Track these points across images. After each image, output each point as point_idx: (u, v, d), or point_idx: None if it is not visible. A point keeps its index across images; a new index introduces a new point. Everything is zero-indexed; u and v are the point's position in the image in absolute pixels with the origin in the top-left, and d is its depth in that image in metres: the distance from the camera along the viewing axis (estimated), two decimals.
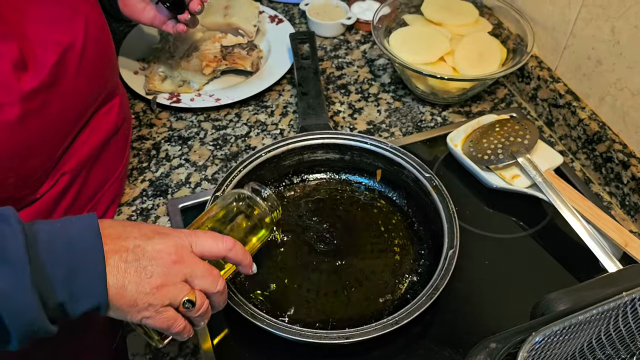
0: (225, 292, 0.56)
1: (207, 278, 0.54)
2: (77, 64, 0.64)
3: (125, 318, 0.51)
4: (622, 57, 0.78)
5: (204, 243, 0.55)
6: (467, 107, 0.96)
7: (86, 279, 0.47)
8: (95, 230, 0.48)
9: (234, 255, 0.57)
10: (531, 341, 0.37)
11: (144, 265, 0.50)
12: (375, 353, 0.66)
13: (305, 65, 0.93)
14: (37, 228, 0.47)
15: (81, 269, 0.47)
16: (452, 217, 0.70)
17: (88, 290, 0.47)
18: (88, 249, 0.48)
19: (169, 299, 0.51)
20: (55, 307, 0.46)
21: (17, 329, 0.44)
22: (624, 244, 0.71)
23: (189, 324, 0.55)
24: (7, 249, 0.44)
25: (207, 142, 0.90)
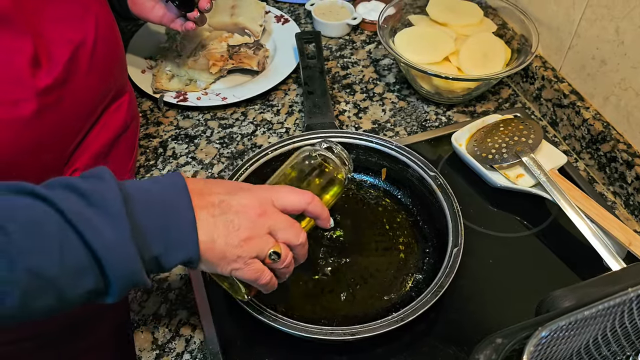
0: (306, 245, 0.58)
1: (290, 230, 0.56)
2: (88, 61, 0.65)
3: (215, 270, 0.54)
4: (626, 57, 0.78)
5: (284, 197, 0.56)
6: (471, 106, 0.97)
7: (178, 233, 0.49)
8: (184, 187, 0.51)
9: (313, 209, 0.58)
10: (537, 336, 0.37)
11: (231, 219, 0.52)
12: (379, 350, 0.67)
13: (311, 64, 0.94)
14: (129, 186, 0.49)
15: (173, 223, 0.49)
16: (456, 215, 0.71)
17: (180, 244, 0.49)
18: (178, 204, 0.50)
19: (256, 251, 0.53)
20: (150, 259, 0.48)
21: (117, 280, 0.46)
22: (627, 243, 0.71)
23: (274, 277, 0.57)
24: (107, 203, 0.45)
25: (213, 140, 0.91)
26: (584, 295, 0.48)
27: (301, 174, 0.65)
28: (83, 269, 0.44)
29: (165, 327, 0.69)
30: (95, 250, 0.44)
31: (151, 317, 0.70)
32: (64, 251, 0.43)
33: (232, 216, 0.52)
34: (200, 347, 0.67)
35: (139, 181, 0.51)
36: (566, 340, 0.40)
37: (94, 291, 0.46)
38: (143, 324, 0.70)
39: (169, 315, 0.70)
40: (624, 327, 0.43)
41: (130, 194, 0.48)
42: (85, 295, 0.46)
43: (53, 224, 0.43)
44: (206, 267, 0.53)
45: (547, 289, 0.55)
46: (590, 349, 0.44)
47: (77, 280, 0.45)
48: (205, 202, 0.52)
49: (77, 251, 0.44)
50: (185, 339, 0.68)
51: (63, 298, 0.45)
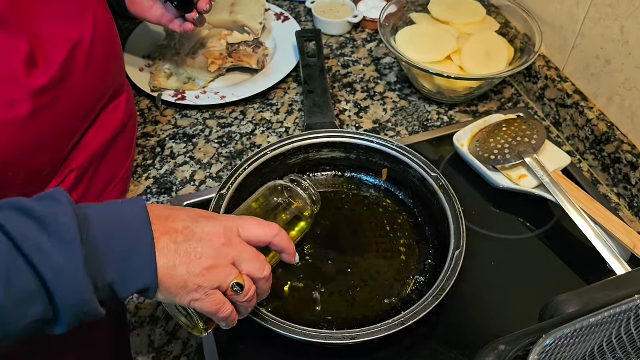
0: (270, 280, 0.56)
1: (255, 262, 0.54)
2: (85, 60, 0.64)
3: (173, 301, 0.51)
4: (631, 57, 0.77)
5: (250, 228, 0.55)
6: (473, 106, 0.96)
7: (137, 259, 0.47)
8: (144, 212, 0.48)
9: (279, 242, 0.57)
10: (542, 344, 0.36)
11: (194, 247, 0.50)
12: (380, 354, 0.66)
13: (311, 63, 0.93)
14: (87, 210, 0.46)
15: (132, 249, 0.47)
16: (458, 217, 0.70)
17: (138, 270, 0.47)
18: (138, 230, 0.48)
19: (219, 281, 0.51)
20: (104, 287, 0.46)
21: (67, 309, 0.43)
22: (632, 245, 0.70)
23: (235, 311, 0.55)
24: (60, 228, 0.43)
25: (212, 139, 0.90)
26: (588, 300, 0.47)
27: (267, 208, 0.64)
28: (31, 297, 0.42)
29: (162, 329, 0.68)
30: (44, 278, 0.42)
31: (148, 319, 0.69)
32: (11, 278, 0.41)
33: (196, 244, 0.50)
34: (197, 351, 0.66)
35: (98, 205, 0.49)
36: (571, 347, 0.39)
37: (42, 320, 0.44)
38: (140, 326, 0.69)
39: (166, 318, 0.69)
40: (629, 334, 0.42)
41: (88, 218, 0.45)
42: (32, 325, 0.43)
43: (2, 249, 0.41)
44: (164, 296, 0.50)
45: (550, 292, 0.54)
46: (595, 356, 0.43)
47: (25, 308, 0.42)
48: (167, 228, 0.49)
49: (26, 278, 0.41)
50: (182, 342, 0.67)
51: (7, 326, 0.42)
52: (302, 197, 0.66)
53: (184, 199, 0.80)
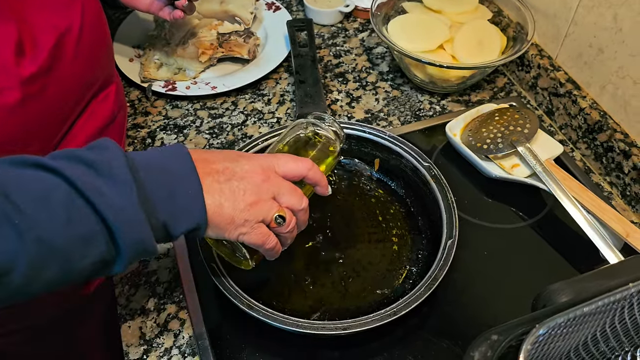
0: (307, 211, 0.59)
1: (293, 195, 0.57)
2: (74, 48, 0.63)
3: (222, 236, 0.54)
4: (624, 45, 0.77)
5: (285, 163, 0.57)
6: (466, 96, 0.95)
7: (185, 199, 0.49)
8: (188, 156, 0.51)
9: (313, 175, 0.59)
10: (535, 333, 0.36)
11: (237, 185, 0.53)
12: (372, 344, 0.66)
13: (302, 52, 0.92)
14: (134, 155, 0.49)
15: (179, 190, 0.49)
16: (450, 206, 0.70)
17: (188, 209, 0.50)
18: (183, 171, 0.50)
19: (262, 214, 0.54)
20: (158, 227, 0.48)
21: (127, 247, 0.46)
22: (625, 234, 0.70)
23: (279, 243, 0.58)
24: (114, 172, 0.46)
25: (203, 130, 0.89)
26: (581, 289, 0.47)
27: (296, 145, 0.66)
28: (93, 237, 0.44)
29: (153, 321, 0.68)
30: (105, 217, 0.44)
31: (139, 311, 0.69)
32: (73, 220, 0.43)
33: (237, 182, 0.53)
34: (189, 342, 0.66)
35: (143, 151, 0.51)
36: (564, 337, 0.38)
37: (103, 261, 0.46)
38: (130, 318, 0.68)
39: (157, 310, 0.69)
40: (623, 323, 0.42)
41: (136, 163, 0.48)
42: (93, 266, 0.46)
43: (62, 193, 0.43)
44: (213, 232, 0.53)
45: (542, 281, 0.54)
46: (589, 345, 0.42)
47: (87, 248, 0.44)
48: (209, 169, 0.52)
49: (88, 219, 0.44)
50: (173, 333, 0.67)
51: (70, 268, 0.45)
52: (327, 132, 0.67)
53: None
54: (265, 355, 0.65)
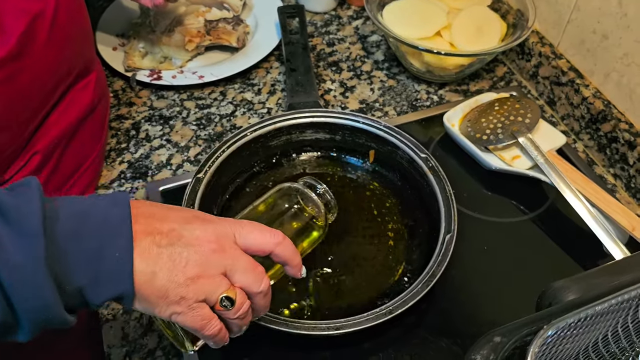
0: (269, 296, 0.49)
1: (250, 274, 0.47)
2: (47, 33, 0.60)
3: (152, 312, 0.44)
4: (629, 30, 0.73)
5: (249, 234, 0.48)
6: (464, 85, 0.92)
7: (110, 261, 0.41)
8: (125, 207, 0.43)
9: (282, 251, 0.49)
10: (543, 335, 0.33)
11: (179, 252, 0.43)
12: (367, 344, 0.62)
13: (293, 40, 0.88)
14: (59, 202, 0.41)
15: (105, 248, 0.41)
16: (449, 199, 0.66)
17: (112, 274, 0.41)
18: (115, 227, 0.42)
19: (205, 293, 0.44)
20: (73, 292, 0.40)
21: (26, 313, 0.39)
22: (630, 228, 0.67)
23: (225, 328, 0.48)
24: (22, 220, 0.38)
25: (189, 121, 0.85)
26: (588, 286, 0.43)
27: (274, 212, 0.57)
28: None
29: (137, 321, 0.64)
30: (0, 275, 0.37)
31: (121, 311, 0.65)
32: None
33: (181, 248, 0.44)
34: (173, 344, 0.62)
35: (74, 197, 0.43)
36: (574, 338, 0.35)
37: (3, 324, 0.39)
38: (112, 318, 0.65)
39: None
40: (636, 322, 0.39)
41: (58, 211, 0.40)
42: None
43: None
44: (142, 306, 0.44)
45: (544, 277, 0.51)
46: (599, 346, 0.39)
47: None
48: (151, 228, 0.43)
49: None
50: (157, 334, 0.63)
51: None
52: (316, 203, 0.58)
53: (160, 183, 0.76)
54: (254, 356, 0.61)
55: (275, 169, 0.77)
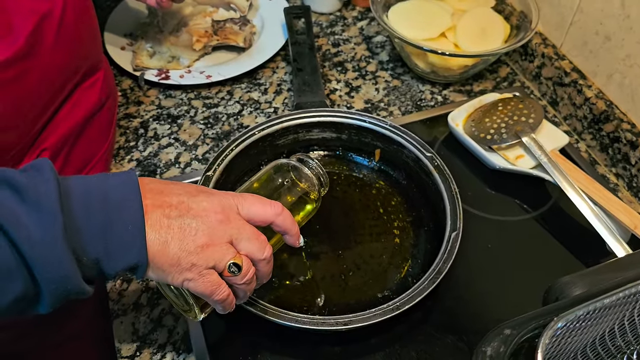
0: (271, 262, 0.53)
1: (254, 242, 0.50)
2: (55, 33, 0.60)
3: (165, 280, 0.47)
4: (632, 32, 0.74)
5: (251, 206, 0.51)
6: (468, 86, 0.93)
7: (124, 232, 0.43)
8: (134, 183, 0.45)
9: (282, 221, 0.53)
10: (553, 327, 0.34)
11: (188, 223, 0.46)
12: (374, 339, 0.63)
13: (300, 40, 0.89)
14: (71, 181, 0.44)
15: (118, 221, 0.43)
16: (454, 198, 0.67)
17: (126, 245, 0.44)
18: (125, 201, 0.44)
19: (214, 260, 0.47)
20: (90, 264, 0.43)
21: (47, 285, 0.41)
22: (633, 226, 0.68)
23: (232, 294, 0.51)
24: (40, 198, 0.40)
25: (197, 120, 0.86)
26: (593, 282, 0.45)
27: (271, 187, 0.60)
28: (10, 272, 0.40)
29: (147, 317, 0.65)
30: (21, 251, 0.39)
31: (131, 306, 0.66)
32: None
33: (190, 219, 0.47)
34: (183, 338, 0.63)
35: (86, 176, 0.46)
36: (582, 331, 0.36)
37: (24, 299, 0.41)
38: (123, 314, 0.65)
39: (150, 305, 0.66)
40: None
41: (71, 189, 0.43)
42: (15, 304, 0.41)
43: None
44: (155, 275, 0.47)
45: (547, 274, 0.52)
46: (605, 339, 0.40)
47: (6, 284, 0.40)
48: (160, 201, 0.46)
49: (4, 251, 0.39)
50: (167, 329, 0.64)
51: None
52: (309, 177, 0.62)
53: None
54: (263, 352, 0.62)
55: None
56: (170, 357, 0.62)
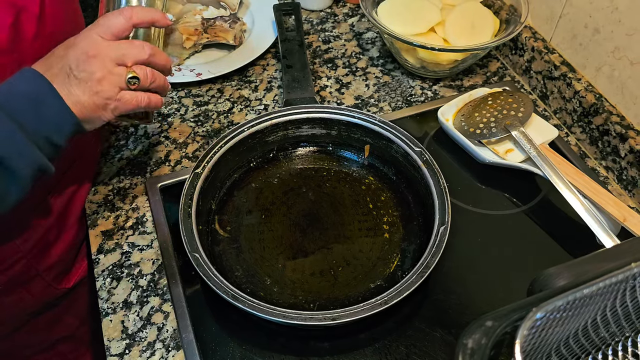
0: (159, 52, 0.59)
1: (132, 49, 0.57)
2: (35, 28, 0.60)
3: (102, 122, 0.57)
4: (620, 24, 0.74)
5: (107, 24, 0.56)
6: (458, 80, 0.93)
7: (54, 115, 0.53)
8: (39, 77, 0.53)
9: (139, 15, 0.58)
10: (532, 317, 0.33)
11: (77, 75, 0.54)
12: (363, 335, 0.63)
13: (289, 37, 0.89)
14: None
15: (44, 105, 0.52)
16: (443, 192, 0.67)
17: (61, 120, 0.53)
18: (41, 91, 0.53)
19: (117, 83, 0.56)
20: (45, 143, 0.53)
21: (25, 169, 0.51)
22: (622, 218, 0.68)
23: (153, 95, 0.60)
24: None
25: (187, 118, 0.86)
26: (580, 272, 0.44)
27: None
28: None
29: (136, 315, 0.65)
30: None
31: (121, 304, 0.66)
32: None
33: (76, 72, 0.54)
34: (173, 336, 0.63)
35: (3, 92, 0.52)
36: (563, 322, 0.36)
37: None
38: (112, 312, 0.65)
39: (140, 303, 0.66)
40: (624, 306, 0.40)
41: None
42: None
43: None
44: (93, 124, 0.57)
45: (537, 268, 0.52)
46: (588, 330, 0.40)
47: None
48: (51, 77, 0.53)
49: None
50: (157, 327, 0.64)
51: None
52: None
53: (159, 179, 0.77)
54: (252, 348, 0.62)
55: (272, 164, 0.78)
56: (159, 355, 0.62)
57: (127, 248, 0.71)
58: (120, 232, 0.72)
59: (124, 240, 0.71)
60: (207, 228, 0.70)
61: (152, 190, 0.76)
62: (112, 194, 0.76)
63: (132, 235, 0.72)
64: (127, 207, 0.75)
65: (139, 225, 0.73)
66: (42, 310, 0.77)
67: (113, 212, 0.74)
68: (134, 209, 0.74)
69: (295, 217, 0.72)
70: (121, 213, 0.74)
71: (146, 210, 0.74)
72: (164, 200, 0.75)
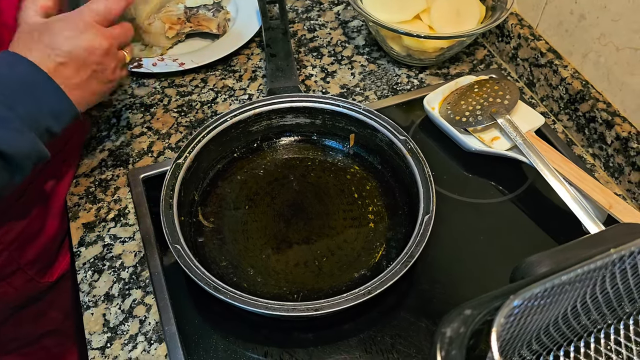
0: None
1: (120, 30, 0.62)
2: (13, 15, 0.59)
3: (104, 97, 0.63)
4: (606, 10, 0.74)
5: (96, 14, 0.58)
6: (444, 69, 0.92)
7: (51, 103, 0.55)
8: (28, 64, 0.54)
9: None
10: (509, 305, 0.33)
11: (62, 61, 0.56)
12: (348, 325, 0.63)
13: (273, 25, 0.88)
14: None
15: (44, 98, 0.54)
16: (428, 180, 0.66)
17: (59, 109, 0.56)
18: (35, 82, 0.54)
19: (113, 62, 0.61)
20: (44, 132, 0.54)
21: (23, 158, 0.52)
22: (608, 205, 0.67)
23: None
24: None
25: (170, 109, 0.85)
26: (562, 260, 0.44)
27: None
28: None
29: (118, 307, 0.64)
30: None
31: (102, 297, 0.65)
32: None
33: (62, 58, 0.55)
34: (155, 329, 0.63)
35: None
36: (542, 309, 0.36)
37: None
38: (94, 305, 0.65)
39: (121, 295, 0.65)
40: (605, 292, 0.39)
41: None
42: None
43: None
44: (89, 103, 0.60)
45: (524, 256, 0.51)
46: (569, 318, 0.40)
47: None
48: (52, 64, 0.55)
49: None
50: (139, 320, 0.63)
51: None
52: None
53: (141, 171, 0.76)
54: (235, 340, 0.62)
55: (256, 154, 0.77)
56: (141, 348, 0.61)
57: (108, 240, 0.70)
58: (102, 224, 0.71)
59: (106, 232, 0.70)
60: (190, 219, 0.69)
61: (134, 182, 0.75)
62: (94, 185, 0.75)
63: (114, 227, 0.71)
64: (109, 198, 0.74)
65: (121, 217, 0.72)
66: (26, 304, 0.76)
67: (95, 204, 0.73)
68: (116, 201, 0.73)
69: (279, 208, 0.71)
70: (103, 205, 0.73)
71: (128, 202, 0.73)
72: (147, 191, 0.74)
